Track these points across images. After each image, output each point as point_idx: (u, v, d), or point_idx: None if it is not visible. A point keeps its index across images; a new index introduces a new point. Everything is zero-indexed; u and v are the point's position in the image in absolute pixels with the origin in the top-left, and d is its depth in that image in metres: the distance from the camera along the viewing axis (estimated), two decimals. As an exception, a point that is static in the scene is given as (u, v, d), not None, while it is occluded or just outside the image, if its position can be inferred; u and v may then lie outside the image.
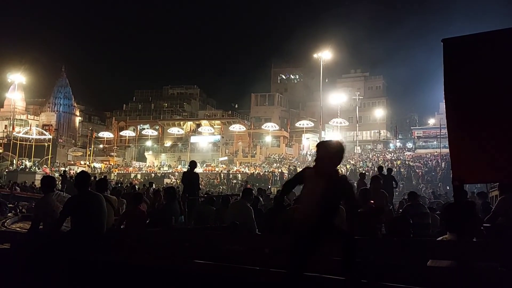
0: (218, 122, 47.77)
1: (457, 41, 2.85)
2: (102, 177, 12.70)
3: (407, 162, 31.56)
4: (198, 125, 47.73)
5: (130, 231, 5.18)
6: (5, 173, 32.93)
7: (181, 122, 48.79)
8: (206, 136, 45.83)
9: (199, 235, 4.33)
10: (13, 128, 42.57)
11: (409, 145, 42.60)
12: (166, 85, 58.98)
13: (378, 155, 38.29)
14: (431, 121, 46.86)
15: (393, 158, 35.01)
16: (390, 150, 41.39)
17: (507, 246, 2.60)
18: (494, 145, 2.63)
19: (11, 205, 12.38)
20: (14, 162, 37.47)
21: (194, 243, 4.02)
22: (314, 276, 2.82)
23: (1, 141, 43.60)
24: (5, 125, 46.20)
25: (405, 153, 37.48)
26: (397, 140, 41.38)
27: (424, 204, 7.40)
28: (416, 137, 42.75)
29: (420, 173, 27.12)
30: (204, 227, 6.32)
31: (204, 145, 44.96)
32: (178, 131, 46.58)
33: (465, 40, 2.85)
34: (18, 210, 11.65)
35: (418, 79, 50.26)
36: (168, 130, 47.52)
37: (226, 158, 41.51)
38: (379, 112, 48.43)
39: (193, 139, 45.45)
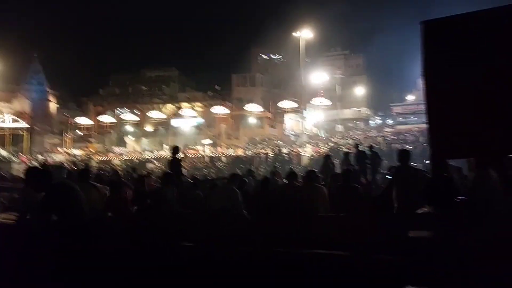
0: (199, 104, 47.36)
1: (436, 22, 2.94)
2: (84, 165, 12.52)
3: (386, 138, 32.20)
4: (179, 108, 47.23)
5: (118, 217, 5.22)
6: (-20, 164, 32.11)
7: (161, 106, 48.18)
8: (188, 119, 45.45)
9: (192, 219, 4.42)
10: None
11: (389, 121, 43.34)
12: (143, 68, 57.81)
13: (360, 133, 38.93)
14: (410, 97, 47.64)
15: (374, 135, 35.65)
16: (371, 127, 42.09)
17: (479, 218, 2.77)
18: (473, 122, 2.76)
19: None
20: (-10, 152, 36.51)
21: (186, 226, 4.11)
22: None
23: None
24: (-22, 114, 44.68)
25: (385, 130, 38.18)
26: (377, 117, 42.06)
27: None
28: (395, 114, 43.51)
29: (399, 147, 27.71)
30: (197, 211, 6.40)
31: (186, 129, 44.64)
32: (159, 114, 46.03)
33: (443, 22, 2.94)
34: (-1, 201, 11.49)
35: (396, 57, 50.62)
36: (148, 114, 46.89)
37: (209, 141, 41.41)
38: (360, 90, 48.98)
39: (174, 122, 45.01)
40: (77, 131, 46.80)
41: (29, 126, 41.43)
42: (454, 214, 3.08)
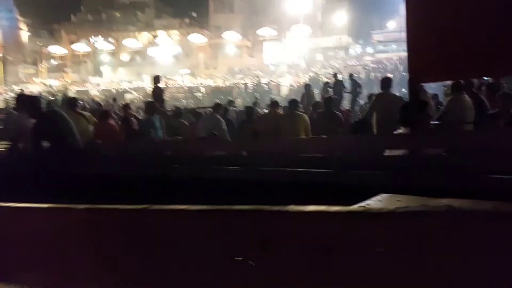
0: (176, 32, 45.64)
1: None
2: (76, 96, 12.29)
3: (365, 67, 32.26)
4: (155, 37, 45.48)
5: (109, 143, 5.40)
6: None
7: (137, 33, 46.24)
8: (165, 48, 44.02)
9: (181, 145, 4.63)
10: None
11: (369, 50, 43.03)
12: (116, -7, 54.31)
13: (339, 62, 38.74)
14: (391, 24, 46.87)
15: (353, 64, 35.59)
16: (351, 56, 41.79)
17: (450, 137, 3.09)
18: (452, 45, 2.89)
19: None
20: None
21: (176, 153, 4.34)
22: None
23: None
24: None
25: (365, 58, 38.06)
26: (358, 46, 41.59)
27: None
28: (376, 41, 43.02)
29: (379, 77, 27.95)
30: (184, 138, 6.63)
31: (163, 58, 43.41)
32: (135, 43, 44.36)
33: None
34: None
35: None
36: (123, 43, 45.09)
37: (187, 70, 40.60)
38: (341, 17, 47.71)
39: (151, 51, 43.60)
40: (51, 60, 44.97)
41: (2, 55, 39.49)
42: (426, 134, 3.39)
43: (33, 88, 34.13)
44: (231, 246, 0.66)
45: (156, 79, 9.18)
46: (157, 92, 8.94)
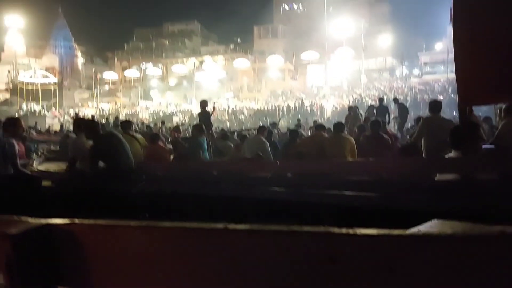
0: (221, 57, 47.08)
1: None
2: (127, 118, 12.93)
3: (413, 89, 31.47)
4: (202, 62, 47.17)
5: (160, 163, 5.63)
6: (16, 118, 33.37)
7: (184, 59, 48.23)
8: (210, 73, 45.45)
9: (227, 165, 4.75)
10: (17, 73, 42.48)
11: (416, 71, 42.03)
12: (166, 22, 57.34)
13: (384, 84, 38.10)
14: (438, 46, 45.71)
15: (399, 85, 34.86)
16: (397, 77, 40.99)
17: (504, 161, 2.97)
18: (502, 67, 2.79)
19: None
20: (24, 107, 37.83)
21: (222, 172, 4.46)
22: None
23: (6, 86, 43.69)
24: (8, 70, 45.92)
25: (411, 80, 37.17)
26: (404, 67, 40.72)
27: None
28: (422, 63, 42.02)
29: (426, 99, 27.21)
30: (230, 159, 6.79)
31: (209, 82, 44.79)
32: (182, 68, 46.24)
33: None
34: (40, 153, 12.22)
35: (424, 3, 47.99)
36: (171, 68, 47.14)
37: (231, 94, 41.53)
38: (385, 39, 47.14)
39: (197, 76, 45.17)
40: (104, 85, 47.77)
41: (59, 81, 42.45)
42: (479, 159, 3.28)
43: (87, 111, 36.22)
44: (301, 263, 0.72)
45: (203, 102, 9.49)
46: (204, 115, 9.23)
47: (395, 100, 14.56)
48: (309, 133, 10.78)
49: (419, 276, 0.68)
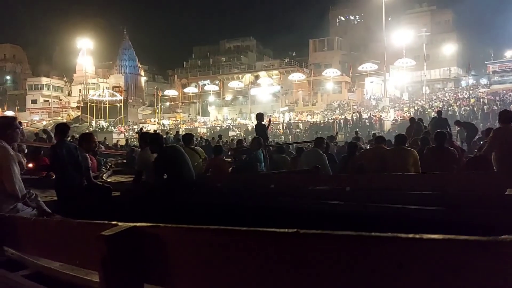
0: (276, 72, 47.56)
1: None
2: (186, 132, 13.50)
3: (481, 99, 29.59)
4: (257, 77, 47.95)
5: (219, 176, 5.79)
6: (86, 134, 36.03)
7: (240, 75, 49.34)
8: (265, 87, 46.04)
9: (285, 178, 4.78)
10: (88, 92, 46.02)
11: (483, 81, 39.60)
12: (222, 39, 59.33)
13: (449, 94, 36.27)
14: (508, 54, 42.81)
15: (465, 96, 32.97)
16: (462, 87, 38.85)
17: None
18: None
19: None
20: (93, 123, 40.67)
21: (279, 185, 4.49)
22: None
23: (78, 104, 47.47)
24: (80, 89, 49.90)
25: (479, 90, 35.03)
26: (470, 77, 38.49)
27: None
28: (491, 72, 39.51)
29: (496, 109, 25.47)
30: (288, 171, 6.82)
31: (264, 97, 45.36)
32: (238, 84, 47.31)
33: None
34: (108, 166, 13.05)
35: (491, 9, 45.34)
36: (228, 84, 48.42)
37: (286, 108, 41.68)
38: (449, 48, 44.98)
39: (252, 91, 45.93)
40: (166, 102, 50.21)
41: (124, 98, 45.31)
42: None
43: (150, 126, 38.12)
44: (370, 268, 0.74)
45: (260, 116, 9.62)
46: (261, 129, 9.34)
47: (439, 112, 12.74)
48: (368, 146, 10.51)
49: (486, 280, 0.67)
